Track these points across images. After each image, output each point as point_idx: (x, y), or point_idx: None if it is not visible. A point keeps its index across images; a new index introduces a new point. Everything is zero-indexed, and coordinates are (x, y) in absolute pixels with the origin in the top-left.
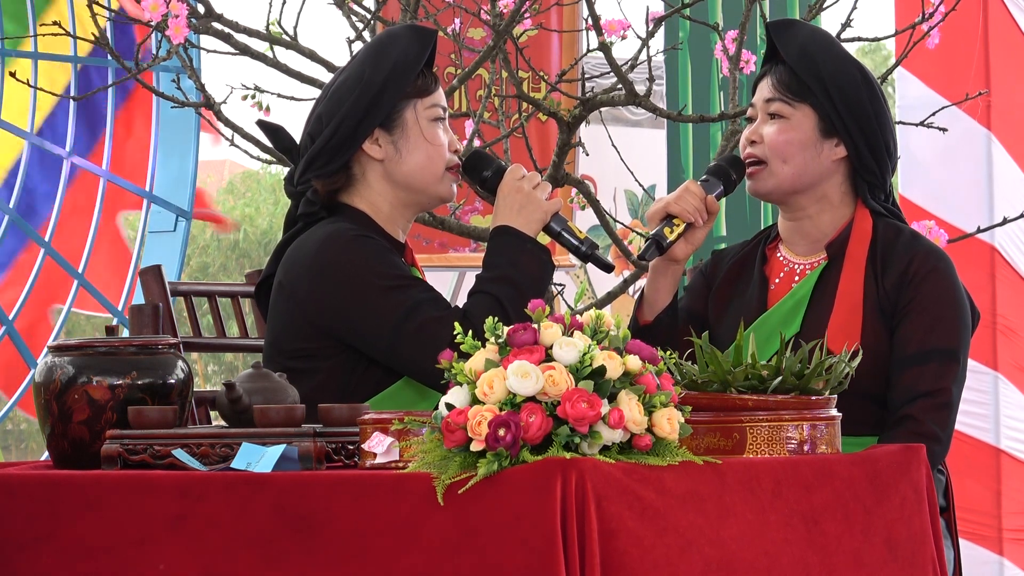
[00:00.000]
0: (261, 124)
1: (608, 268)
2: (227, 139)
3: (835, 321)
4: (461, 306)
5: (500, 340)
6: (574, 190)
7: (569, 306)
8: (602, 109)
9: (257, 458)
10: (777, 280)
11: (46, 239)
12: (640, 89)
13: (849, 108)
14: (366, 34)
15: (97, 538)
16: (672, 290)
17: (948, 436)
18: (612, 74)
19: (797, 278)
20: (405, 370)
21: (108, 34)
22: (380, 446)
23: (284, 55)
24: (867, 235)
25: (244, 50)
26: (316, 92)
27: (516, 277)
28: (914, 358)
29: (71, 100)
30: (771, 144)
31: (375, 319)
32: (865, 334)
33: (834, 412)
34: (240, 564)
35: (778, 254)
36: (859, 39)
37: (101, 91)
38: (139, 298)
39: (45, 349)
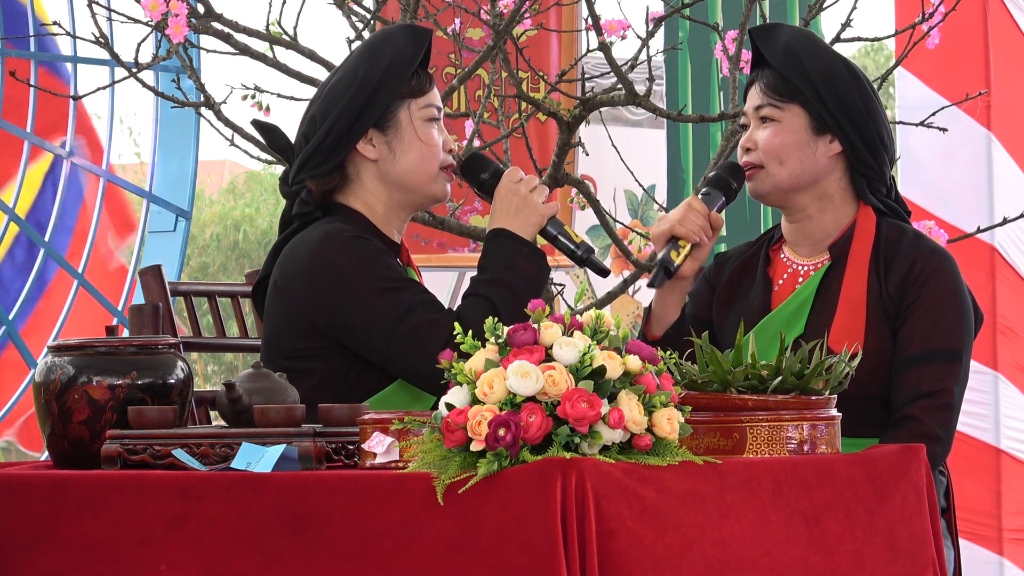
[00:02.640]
0: (256, 124)
1: (604, 273)
2: (227, 139)
3: (838, 322)
4: (455, 309)
5: (500, 340)
6: (574, 190)
7: (569, 306)
8: (602, 109)
9: (257, 458)
10: (780, 281)
11: (46, 239)
12: (640, 89)
13: (838, 102)
14: (366, 34)
15: (98, 538)
16: (679, 305)
17: (949, 437)
18: (612, 74)
19: (801, 279)
20: (397, 372)
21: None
22: (380, 446)
23: (284, 55)
24: (870, 235)
25: (244, 50)
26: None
27: (511, 280)
28: (916, 359)
29: (72, 100)
30: (765, 148)
31: (369, 321)
32: (868, 335)
33: (834, 412)
34: (241, 564)
35: (782, 255)
36: (859, 39)
37: (100, 91)
38: (139, 298)
39: (45, 349)
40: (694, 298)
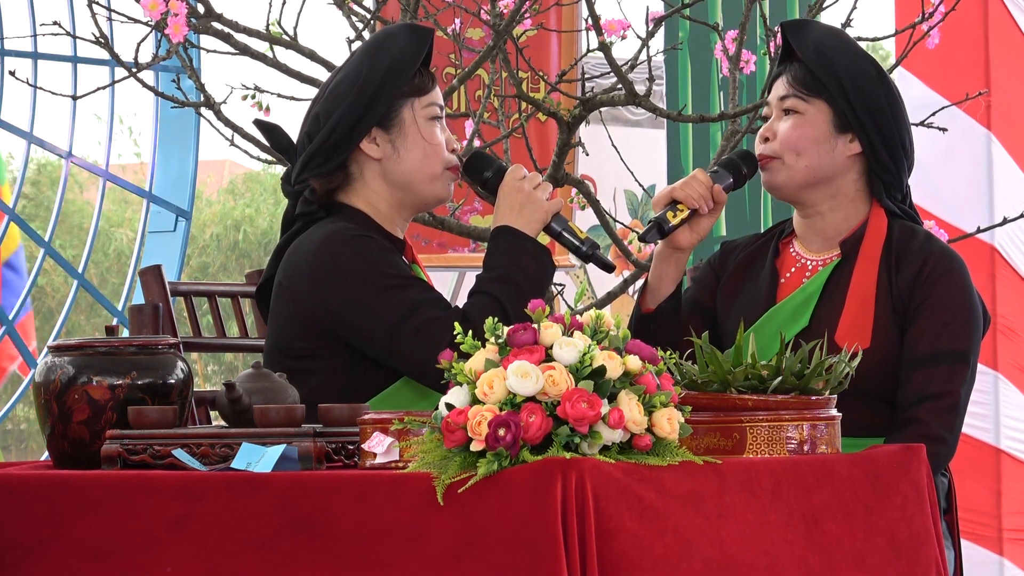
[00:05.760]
0: (258, 123)
1: (609, 268)
2: (227, 139)
3: (846, 317)
4: (461, 306)
5: (500, 340)
6: (574, 190)
7: (569, 306)
8: (602, 109)
9: (257, 458)
10: (788, 274)
11: (46, 239)
12: (640, 89)
13: (864, 103)
14: (366, 34)
15: (102, 540)
16: (676, 279)
17: (954, 439)
18: (612, 74)
19: (808, 274)
20: (404, 370)
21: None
22: (380, 446)
23: (284, 55)
24: (882, 234)
25: (244, 50)
26: (316, 92)
27: (516, 277)
28: (924, 359)
29: (72, 100)
30: (784, 139)
31: (374, 319)
32: (876, 332)
33: (834, 412)
34: (245, 565)
35: (791, 249)
36: (859, 39)
37: (100, 90)
38: (139, 298)
39: (45, 349)
40: (697, 284)
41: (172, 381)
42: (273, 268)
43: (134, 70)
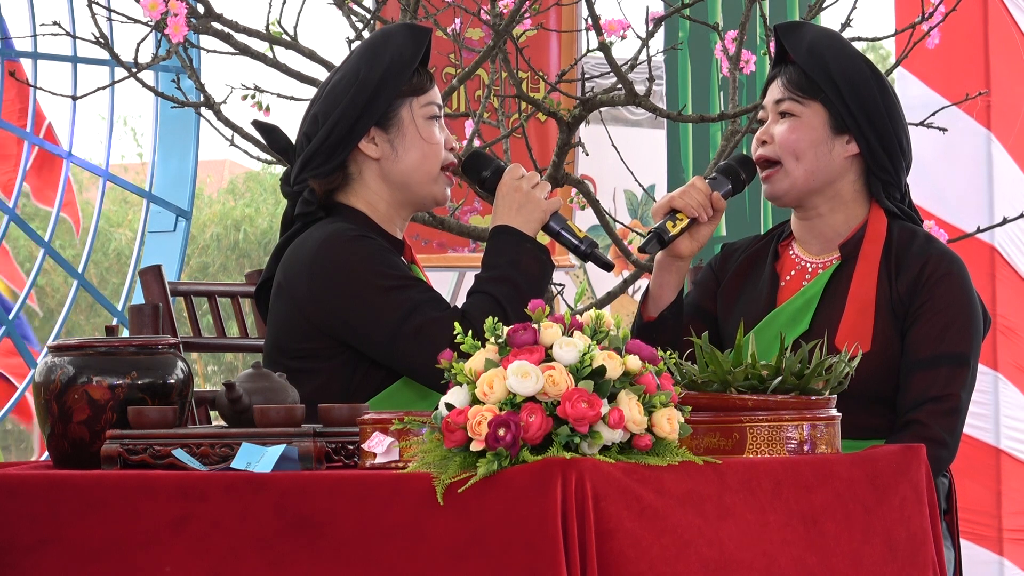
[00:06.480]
0: (257, 124)
1: (608, 267)
2: (227, 139)
3: (846, 321)
4: (460, 306)
5: (500, 340)
6: (574, 190)
7: (569, 306)
8: (602, 109)
9: (257, 458)
10: (788, 278)
11: (46, 239)
12: (640, 89)
13: (860, 103)
14: (366, 34)
15: (102, 540)
16: (677, 287)
17: (955, 442)
18: (612, 74)
19: (808, 277)
20: (404, 370)
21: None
22: (380, 446)
23: (284, 55)
24: (881, 236)
25: (244, 50)
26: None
27: (515, 277)
28: (924, 363)
29: (72, 100)
30: (782, 142)
31: (374, 320)
32: (876, 336)
33: (834, 412)
34: (245, 565)
35: (790, 252)
36: (859, 39)
37: (100, 91)
38: (139, 298)
39: (45, 349)
40: (698, 287)
41: (172, 381)
42: (272, 268)
43: (134, 70)
